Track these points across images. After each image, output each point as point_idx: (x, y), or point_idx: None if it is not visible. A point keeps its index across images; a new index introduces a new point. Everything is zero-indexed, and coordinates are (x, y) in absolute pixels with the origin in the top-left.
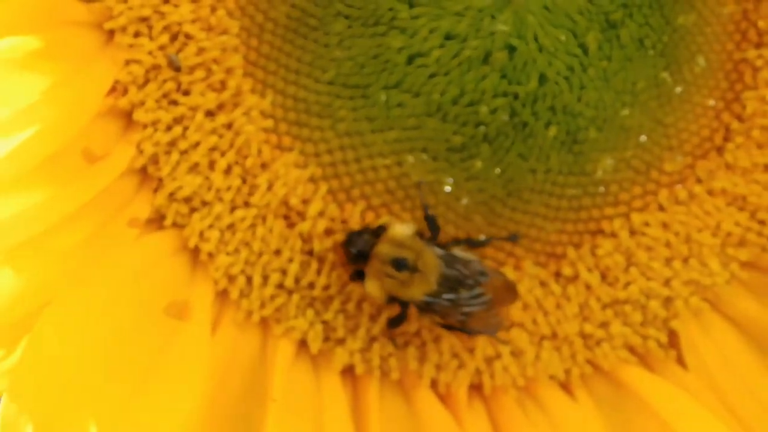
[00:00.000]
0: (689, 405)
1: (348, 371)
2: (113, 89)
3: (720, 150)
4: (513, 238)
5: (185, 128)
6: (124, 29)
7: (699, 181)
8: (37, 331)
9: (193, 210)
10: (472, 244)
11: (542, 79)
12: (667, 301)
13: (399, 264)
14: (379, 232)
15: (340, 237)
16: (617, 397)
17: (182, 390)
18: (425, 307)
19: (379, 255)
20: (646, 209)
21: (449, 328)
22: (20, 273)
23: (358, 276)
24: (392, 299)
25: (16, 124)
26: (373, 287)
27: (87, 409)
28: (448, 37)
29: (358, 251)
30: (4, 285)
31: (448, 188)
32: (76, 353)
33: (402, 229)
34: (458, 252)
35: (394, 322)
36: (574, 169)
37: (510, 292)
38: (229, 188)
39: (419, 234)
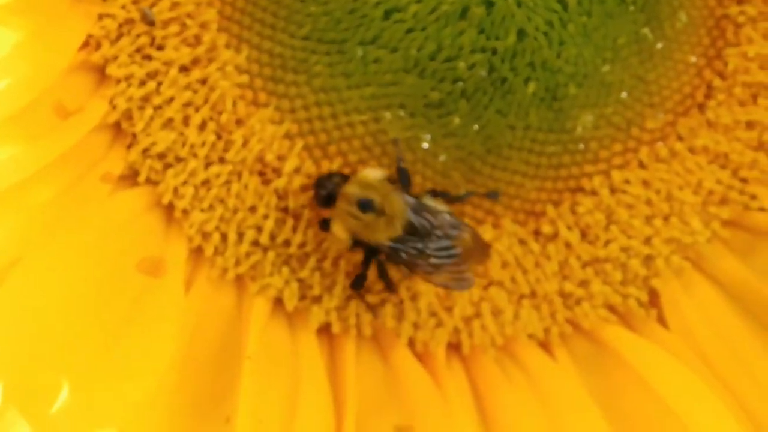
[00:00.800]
0: (670, 364)
1: (324, 329)
2: (86, 44)
3: (701, 107)
4: (492, 195)
5: (159, 83)
6: None
7: (680, 138)
8: (7, 287)
9: (167, 166)
10: (448, 198)
11: (521, 34)
12: (648, 260)
13: (364, 205)
14: (349, 176)
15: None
16: (597, 356)
17: (156, 348)
18: (392, 254)
19: (346, 195)
20: (627, 167)
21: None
22: None
23: (326, 225)
24: (357, 244)
25: None
26: (338, 229)
27: (59, 366)
28: None
29: (327, 193)
30: None
31: (425, 145)
32: (48, 310)
33: (372, 172)
34: (428, 201)
35: (357, 282)
36: (553, 126)
37: (481, 248)
38: (203, 144)
39: (391, 180)
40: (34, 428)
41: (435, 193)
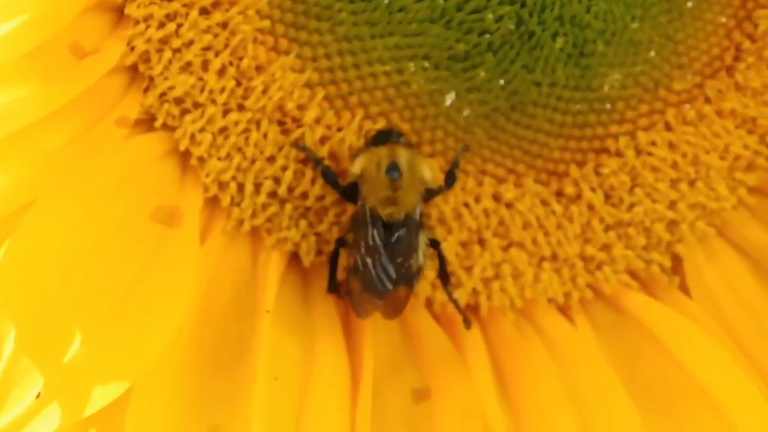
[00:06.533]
0: (692, 331)
1: None
2: None
3: (730, 70)
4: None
5: (179, 25)
6: None
7: (708, 101)
8: (20, 232)
9: (184, 112)
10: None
11: None
12: (672, 225)
13: (392, 170)
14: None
15: (335, 145)
16: (617, 322)
17: (170, 300)
18: (361, 216)
19: (393, 150)
20: (653, 128)
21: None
22: (2, 170)
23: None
24: (352, 187)
25: (0, 13)
26: (358, 163)
27: (72, 314)
28: None
29: (385, 133)
30: None
31: (449, 100)
32: (62, 256)
33: (429, 169)
34: (422, 242)
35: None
36: (580, 84)
37: (396, 310)
38: (222, 90)
39: (429, 189)
40: (46, 378)
41: (434, 243)
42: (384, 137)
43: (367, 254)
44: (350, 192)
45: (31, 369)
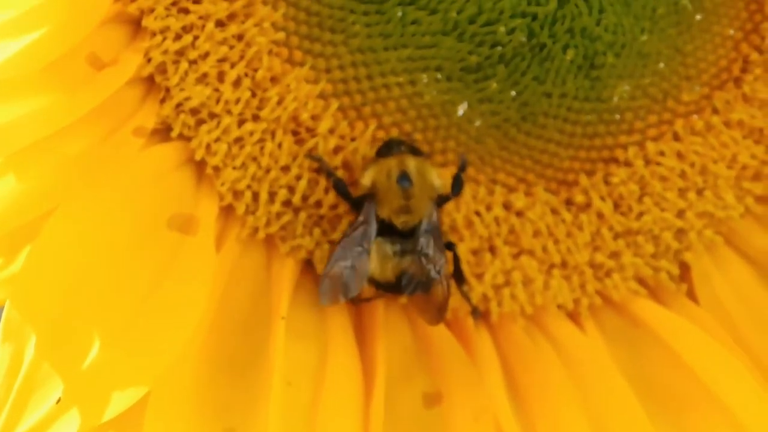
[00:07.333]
0: (701, 338)
1: None
2: None
3: (738, 81)
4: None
5: (195, 37)
6: None
7: (716, 111)
8: (41, 239)
9: (200, 122)
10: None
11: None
12: (680, 233)
13: (403, 179)
14: (423, 157)
15: (349, 155)
16: (626, 329)
17: (186, 307)
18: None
19: (402, 159)
20: (662, 138)
21: None
22: (22, 179)
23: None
24: (364, 199)
25: (22, 25)
26: (368, 176)
27: (91, 320)
28: None
29: (390, 143)
30: (5, 190)
31: (461, 110)
32: (80, 263)
33: (437, 176)
34: (440, 246)
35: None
36: (590, 95)
37: (438, 312)
38: (238, 101)
39: (440, 195)
40: (65, 383)
41: (450, 245)
42: (389, 147)
43: (401, 256)
44: (362, 204)
45: (52, 374)
